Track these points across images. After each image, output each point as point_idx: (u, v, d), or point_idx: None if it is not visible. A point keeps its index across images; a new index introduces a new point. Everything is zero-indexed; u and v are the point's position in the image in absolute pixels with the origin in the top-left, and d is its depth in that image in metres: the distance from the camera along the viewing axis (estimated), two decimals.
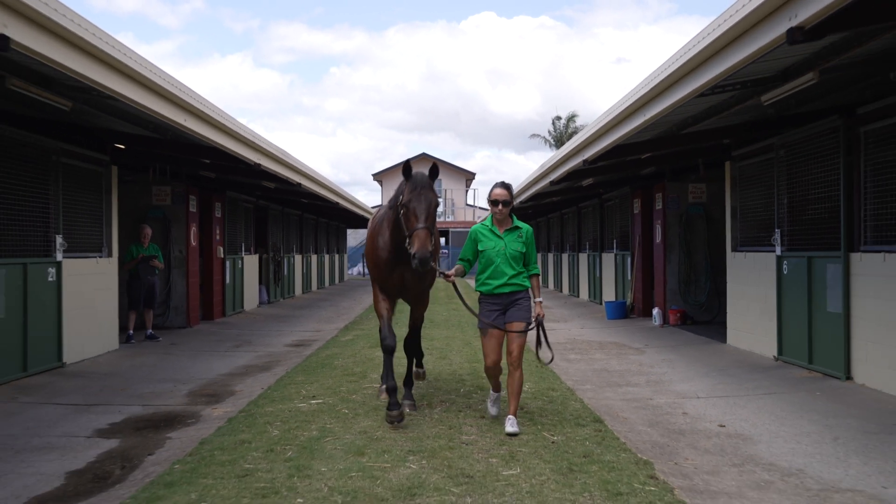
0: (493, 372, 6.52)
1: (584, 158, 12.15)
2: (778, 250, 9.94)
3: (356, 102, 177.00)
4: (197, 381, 9.08)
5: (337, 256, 37.88)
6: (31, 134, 9.39)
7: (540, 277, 6.78)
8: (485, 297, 6.46)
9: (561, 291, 26.69)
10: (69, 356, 9.98)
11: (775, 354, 9.97)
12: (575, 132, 55.86)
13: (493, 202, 6.44)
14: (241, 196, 19.19)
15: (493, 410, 6.64)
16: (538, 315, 6.40)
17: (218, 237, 16.99)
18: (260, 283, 21.48)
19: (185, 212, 15.02)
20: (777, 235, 9.94)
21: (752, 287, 10.86)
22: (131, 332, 12.65)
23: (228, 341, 13.09)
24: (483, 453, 5.50)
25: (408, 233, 6.21)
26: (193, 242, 15.41)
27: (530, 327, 6.34)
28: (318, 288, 30.70)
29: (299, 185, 15.80)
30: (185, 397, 8.14)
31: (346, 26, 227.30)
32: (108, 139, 11.51)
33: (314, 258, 30.16)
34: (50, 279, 9.64)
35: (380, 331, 6.95)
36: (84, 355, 10.43)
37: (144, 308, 12.92)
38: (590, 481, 4.82)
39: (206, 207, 16.49)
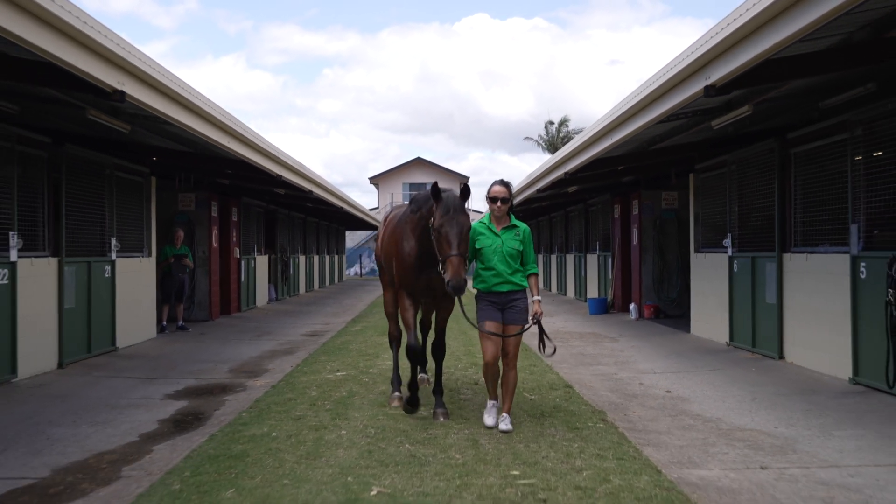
0: (491, 370, 6.51)
1: (566, 171, 13.84)
2: (729, 251, 11.62)
3: (349, 103, 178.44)
4: (233, 362, 10.70)
5: (337, 257, 39.50)
6: (93, 152, 11.00)
7: (538, 276, 6.92)
8: (482, 295, 6.50)
9: (550, 290, 28.38)
10: (120, 342, 11.59)
11: (727, 341, 11.66)
12: (567, 136, 57.52)
13: (491, 199, 6.48)
14: (253, 201, 20.82)
15: (489, 420, 6.45)
16: (536, 313, 6.45)
17: (235, 239, 18.61)
18: (269, 281, 23.10)
19: (208, 216, 16.65)
20: (728, 239, 11.63)
21: (710, 283, 12.55)
22: (164, 323, 14.26)
23: (250, 332, 14.71)
24: (477, 406, 7.15)
25: (441, 258, 6.20)
26: (215, 244, 17.03)
27: (526, 327, 6.48)
28: (319, 287, 32.32)
29: (311, 192, 17.45)
30: (228, 373, 9.76)
31: (340, 28, 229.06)
32: (147, 153, 13.13)
33: (316, 259, 31.80)
34: (106, 275, 11.25)
35: (407, 342, 6.85)
36: (131, 342, 12.04)
37: (176, 302, 14.53)
38: (556, 422, 6.49)
39: (224, 212, 18.10)
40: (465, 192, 6.43)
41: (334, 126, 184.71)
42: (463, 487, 4.74)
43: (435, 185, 6.46)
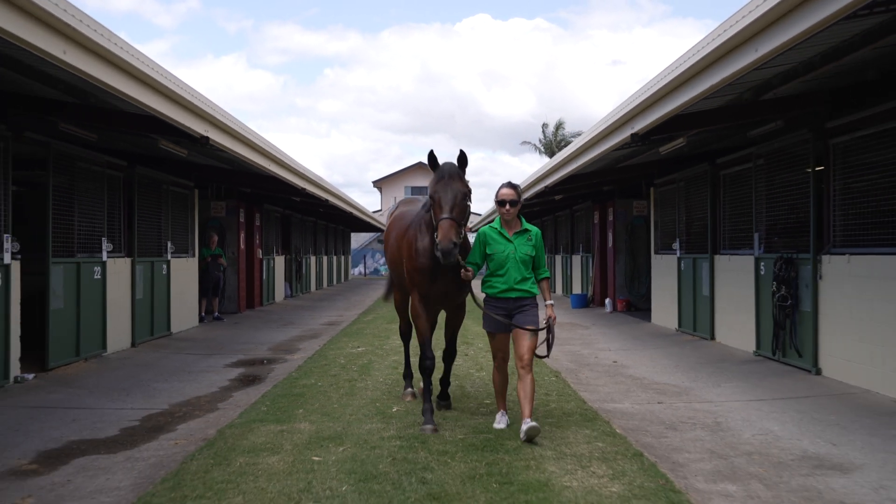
0: (501, 374, 6.51)
1: (546, 185, 16.28)
2: (678, 253, 14.06)
3: (350, 104, 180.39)
4: (269, 344, 13.12)
5: (343, 258, 41.97)
6: (156, 171, 13.45)
7: (549, 280, 6.71)
8: (490, 300, 6.32)
9: None
10: (174, 328, 14.03)
11: (676, 327, 14.10)
12: (563, 139, 59.76)
13: (500, 202, 6.26)
14: (273, 207, 23.28)
15: (500, 424, 6.41)
16: (549, 317, 6.25)
17: (258, 241, 21.06)
18: (285, 279, 25.55)
19: (237, 222, 19.11)
20: (677, 243, 14.07)
21: (665, 280, 14.98)
22: (203, 314, 16.73)
23: (275, 322, 17.15)
24: (464, 367, 9.59)
25: (435, 224, 6.05)
26: (242, 246, 19.48)
27: (540, 328, 6.21)
28: (327, 286, 34.79)
29: (327, 200, 19.92)
30: (268, 351, 12.18)
31: (340, 27, 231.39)
32: (192, 170, 15.57)
33: (325, 259, 34.27)
34: (164, 273, 13.69)
35: (422, 356, 6.66)
36: (180, 328, 14.48)
37: (212, 296, 16.97)
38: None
39: (249, 218, 20.55)
40: (462, 159, 6.32)
41: (335, 126, 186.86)
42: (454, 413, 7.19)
43: (431, 153, 6.37)
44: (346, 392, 8.03)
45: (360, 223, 37.37)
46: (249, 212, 20.56)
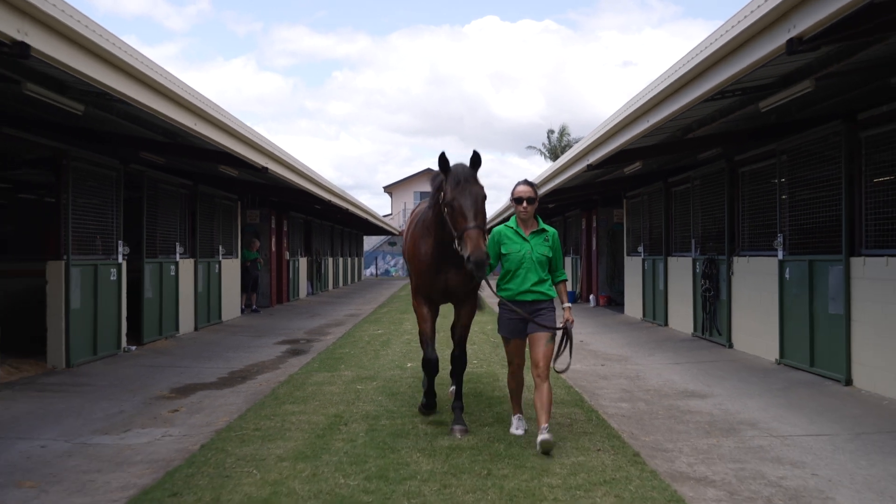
0: (516, 380, 6.31)
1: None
2: (642, 255, 16.88)
3: (359, 106, 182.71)
4: (303, 329, 16.00)
5: (357, 259, 44.94)
6: (211, 187, 16.38)
7: (567, 283, 6.44)
8: (505, 304, 6.07)
9: None
10: (224, 317, 16.95)
11: (641, 317, 16.91)
12: (567, 144, 62.46)
13: (516, 199, 6.09)
14: (297, 214, 26.23)
15: (519, 431, 6.26)
16: (567, 320, 6.09)
17: (285, 244, 23.99)
18: (307, 279, 28.48)
19: (269, 227, 22.05)
20: (642, 246, 16.89)
21: (634, 277, 17.79)
22: (243, 307, 19.68)
23: (303, 314, 20.04)
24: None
25: (456, 234, 5.71)
26: (273, 249, 22.41)
27: (557, 328, 6.03)
28: (343, 285, 37.72)
29: (347, 210, 22.83)
30: (304, 334, 15.06)
31: (349, 30, 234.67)
32: (235, 185, 18.47)
33: (340, 261, 37.21)
34: (216, 271, 16.62)
35: (424, 355, 6.68)
36: (228, 317, 17.40)
37: (251, 292, 19.87)
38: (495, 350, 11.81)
39: (278, 224, 23.48)
40: (476, 160, 5.96)
41: (344, 128, 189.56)
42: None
43: (442, 155, 5.98)
44: (373, 356, 10.92)
45: (372, 227, 40.30)
46: (279, 219, 23.48)
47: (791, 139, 10.01)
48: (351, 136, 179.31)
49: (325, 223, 32.75)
